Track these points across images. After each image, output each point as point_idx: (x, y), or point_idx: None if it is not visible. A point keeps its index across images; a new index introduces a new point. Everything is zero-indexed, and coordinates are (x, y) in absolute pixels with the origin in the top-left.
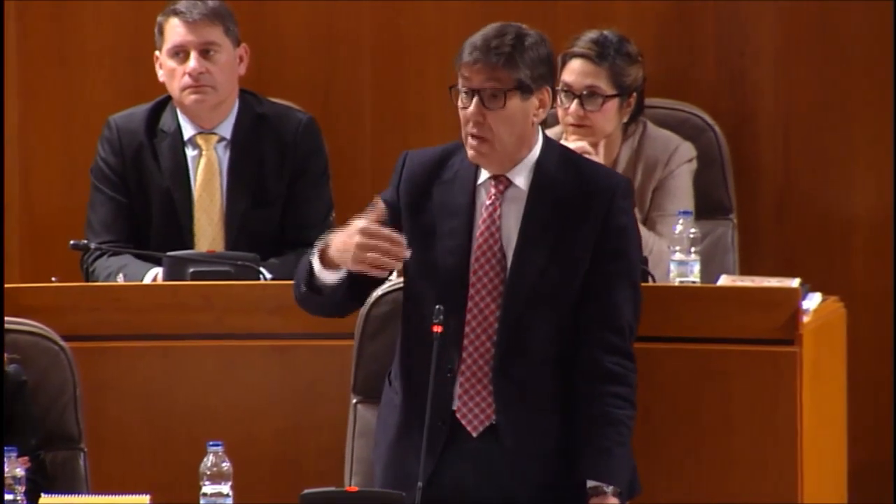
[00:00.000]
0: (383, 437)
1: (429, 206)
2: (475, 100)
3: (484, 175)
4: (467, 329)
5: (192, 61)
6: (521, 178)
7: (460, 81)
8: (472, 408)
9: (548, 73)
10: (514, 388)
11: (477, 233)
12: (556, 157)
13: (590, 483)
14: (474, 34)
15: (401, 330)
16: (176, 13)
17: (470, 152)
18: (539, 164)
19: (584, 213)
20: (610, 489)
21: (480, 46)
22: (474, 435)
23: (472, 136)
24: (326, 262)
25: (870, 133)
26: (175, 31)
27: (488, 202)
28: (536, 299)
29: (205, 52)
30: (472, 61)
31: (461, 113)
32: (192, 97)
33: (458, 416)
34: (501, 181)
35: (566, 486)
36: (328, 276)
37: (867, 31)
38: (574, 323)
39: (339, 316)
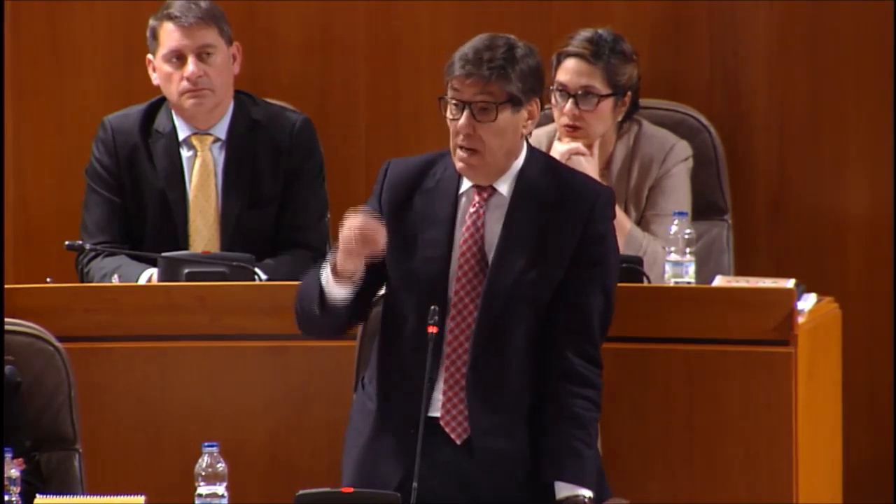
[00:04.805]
0: (354, 441)
1: (410, 215)
2: (466, 112)
3: (467, 184)
4: (450, 337)
5: (191, 65)
6: (504, 186)
7: (450, 93)
8: (456, 415)
9: (537, 85)
10: (487, 388)
11: (460, 241)
12: (539, 166)
13: (561, 487)
14: (464, 46)
15: (378, 337)
16: (170, 17)
17: (459, 164)
18: (522, 172)
19: (565, 218)
20: (588, 498)
21: (472, 59)
22: (458, 443)
23: (462, 147)
24: (337, 274)
25: (864, 133)
26: (171, 35)
27: (472, 210)
28: (514, 300)
29: (202, 55)
30: (464, 75)
31: (451, 124)
32: (192, 101)
33: (441, 423)
34: (486, 189)
35: (536, 488)
36: (338, 292)
37: (861, 32)
38: (546, 324)
39: (340, 335)
